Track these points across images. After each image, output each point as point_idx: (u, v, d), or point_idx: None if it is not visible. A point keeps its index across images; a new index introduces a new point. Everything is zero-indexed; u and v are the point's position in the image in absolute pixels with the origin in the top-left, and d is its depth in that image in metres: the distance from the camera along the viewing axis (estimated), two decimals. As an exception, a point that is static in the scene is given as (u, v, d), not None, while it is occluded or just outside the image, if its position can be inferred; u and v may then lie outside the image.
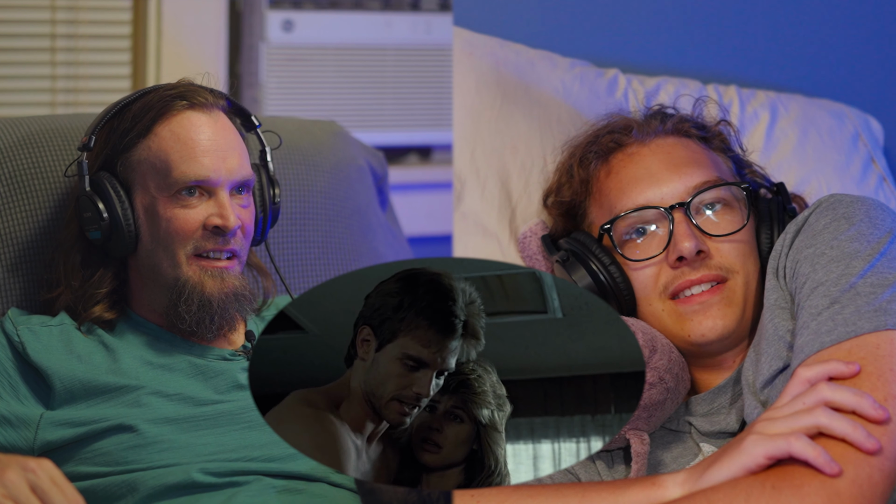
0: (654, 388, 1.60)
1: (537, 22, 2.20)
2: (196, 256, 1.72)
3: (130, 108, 1.76)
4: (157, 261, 1.73)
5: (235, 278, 1.74)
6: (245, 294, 1.74)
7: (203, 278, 1.71)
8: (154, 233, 1.73)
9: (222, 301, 1.71)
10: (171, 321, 1.73)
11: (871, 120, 2.24)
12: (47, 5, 2.53)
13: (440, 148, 2.94)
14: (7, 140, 1.87)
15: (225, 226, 1.71)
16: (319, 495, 1.62)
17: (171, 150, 1.72)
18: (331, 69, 2.78)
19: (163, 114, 1.73)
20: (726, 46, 2.27)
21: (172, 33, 2.58)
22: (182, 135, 1.73)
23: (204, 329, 1.72)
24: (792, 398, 1.34)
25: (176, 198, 1.71)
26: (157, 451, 1.62)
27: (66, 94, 2.55)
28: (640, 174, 1.70)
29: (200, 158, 1.71)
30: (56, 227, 1.83)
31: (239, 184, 1.75)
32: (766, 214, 1.70)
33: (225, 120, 1.77)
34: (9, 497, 1.44)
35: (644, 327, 1.65)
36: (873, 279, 1.45)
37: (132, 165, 1.74)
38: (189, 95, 1.75)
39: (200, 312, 1.71)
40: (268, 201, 1.82)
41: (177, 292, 1.71)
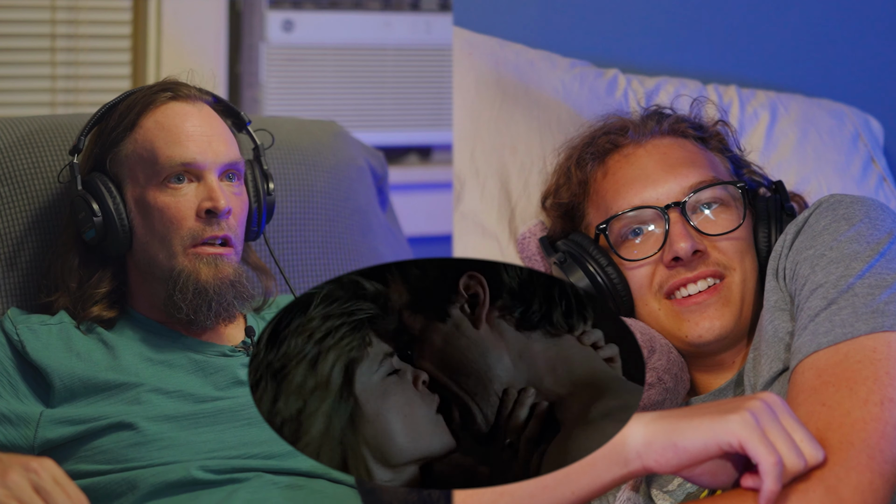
0: (653, 388, 1.60)
1: (537, 22, 2.20)
2: (191, 246, 1.72)
3: (117, 107, 1.78)
4: (152, 253, 1.74)
5: (230, 266, 1.73)
6: (241, 282, 1.74)
7: (198, 266, 1.71)
8: (148, 225, 1.73)
9: (218, 287, 1.71)
10: (170, 312, 1.73)
11: (871, 120, 2.24)
12: (47, 5, 2.53)
13: (440, 148, 2.94)
14: (7, 139, 1.87)
15: (215, 207, 1.71)
16: (319, 492, 1.63)
17: (156, 138, 1.73)
18: (331, 69, 2.78)
19: (147, 106, 1.75)
20: (726, 46, 2.27)
21: (172, 33, 2.58)
22: (167, 123, 1.74)
23: (202, 316, 1.72)
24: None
25: (165, 186, 1.72)
26: (157, 449, 1.63)
27: (66, 94, 2.55)
28: (636, 175, 1.71)
29: (185, 142, 1.72)
30: (56, 227, 1.83)
31: (227, 168, 1.75)
32: (763, 213, 1.70)
33: (210, 110, 1.78)
34: (12, 498, 1.44)
35: (642, 327, 1.66)
36: (871, 280, 1.45)
37: (121, 161, 1.75)
38: (174, 88, 1.77)
39: (197, 299, 1.71)
40: (262, 193, 1.82)
41: (172, 282, 1.71)
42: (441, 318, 1.27)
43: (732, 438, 1.22)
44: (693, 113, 1.81)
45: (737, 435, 1.22)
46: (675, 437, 1.24)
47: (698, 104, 1.82)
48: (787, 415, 1.26)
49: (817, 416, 1.33)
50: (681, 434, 1.24)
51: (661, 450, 1.24)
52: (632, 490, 1.59)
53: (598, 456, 1.24)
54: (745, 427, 1.23)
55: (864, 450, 1.29)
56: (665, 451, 1.24)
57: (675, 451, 1.24)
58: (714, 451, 1.24)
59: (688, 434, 1.24)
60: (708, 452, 1.24)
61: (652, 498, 1.59)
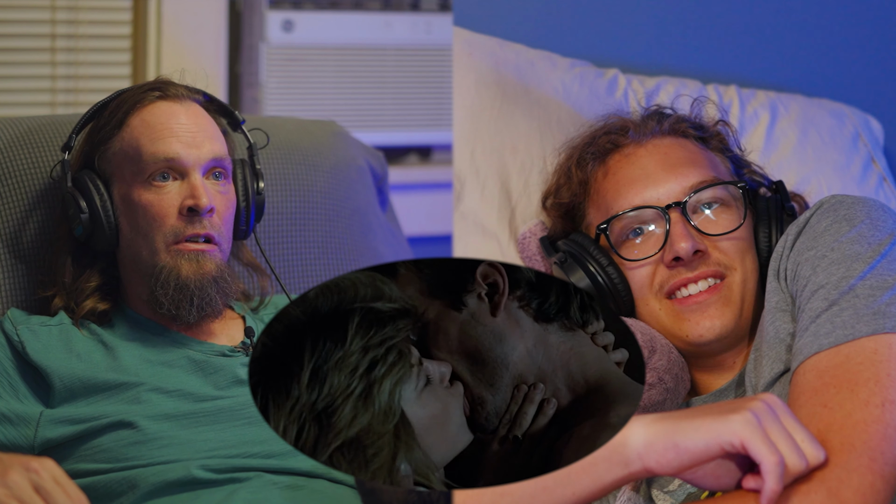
0: (654, 388, 1.59)
1: (537, 22, 2.20)
2: (174, 243, 1.72)
3: (108, 106, 1.79)
4: (136, 250, 1.74)
5: (212, 262, 1.73)
6: (224, 278, 1.74)
7: (179, 262, 1.72)
8: (132, 222, 1.74)
9: (199, 283, 1.72)
10: (153, 308, 1.73)
11: (871, 120, 2.24)
12: (47, 5, 2.53)
13: (440, 148, 2.94)
14: (6, 138, 1.87)
15: (197, 205, 1.71)
16: (319, 492, 1.63)
17: (141, 136, 1.74)
18: (331, 69, 2.78)
19: (135, 105, 1.76)
20: (726, 46, 2.27)
21: (172, 33, 2.58)
22: (153, 121, 1.75)
23: (184, 311, 1.72)
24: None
25: (149, 184, 1.73)
26: (156, 448, 1.63)
27: (66, 94, 2.55)
28: (637, 175, 1.70)
29: (169, 140, 1.73)
30: (54, 225, 1.84)
31: (213, 166, 1.76)
32: (764, 213, 1.70)
33: (198, 109, 1.79)
34: (12, 497, 1.44)
35: (643, 328, 1.66)
36: (872, 281, 1.44)
37: (108, 158, 1.76)
38: (163, 88, 1.78)
39: (178, 294, 1.71)
40: (251, 192, 1.82)
41: (154, 278, 1.72)
42: (456, 307, 1.27)
43: (734, 439, 1.22)
44: (693, 113, 1.81)
45: (738, 435, 1.22)
46: (677, 438, 1.24)
47: (699, 104, 1.82)
48: (788, 416, 1.26)
49: (818, 417, 1.33)
50: (682, 435, 1.24)
51: (663, 451, 1.24)
52: (632, 490, 1.59)
53: (599, 457, 1.24)
54: (746, 427, 1.22)
55: (866, 452, 1.29)
56: (666, 452, 1.24)
57: (676, 452, 1.24)
58: (716, 452, 1.23)
59: (689, 435, 1.24)
60: (709, 453, 1.23)
61: (652, 498, 1.59)
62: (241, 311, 1.85)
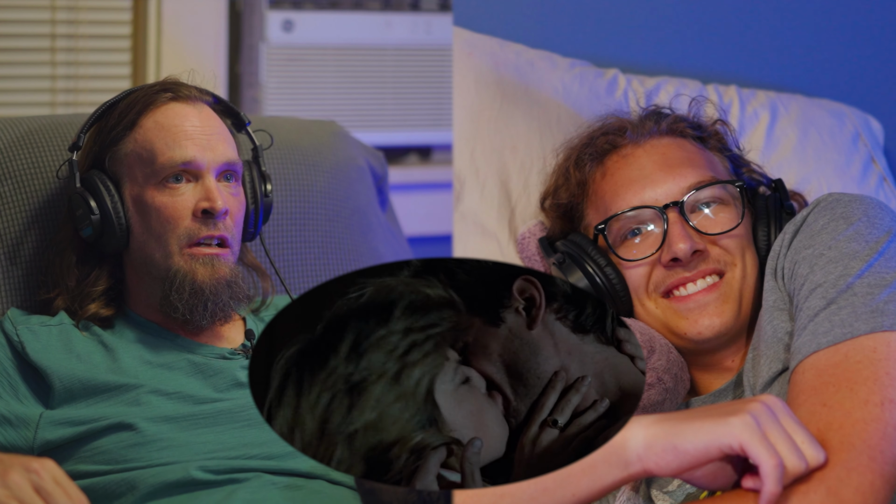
0: (653, 388, 1.60)
1: (537, 22, 2.20)
2: (187, 246, 1.72)
3: (117, 106, 1.78)
4: (149, 252, 1.74)
5: (226, 266, 1.74)
6: (238, 282, 1.75)
7: (194, 266, 1.72)
8: (145, 224, 1.73)
9: (214, 287, 1.72)
10: (166, 312, 1.73)
11: (871, 120, 2.24)
12: (47, 5, 2.53)
13: (440, 148, 2.94)
14: (6, 138, 1.87)
15: (212, 208, 1.71)
16: (318, 492, 1.63)
17: (155, 138, 1.73)
18: (331, 69, 2.78)
19: (147, 106, 1.76)
20: (726, 46, 2.27)
21: (172, 33, 2.59)
22: (166, 123, 1.74)
23: (198, 316, 1.72)
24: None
25: (163, 185, 1.72)
26: (156, 450, 1.63)
27: (66, 94, 2.55)
28: (635, 175, 1.70)
29: (184, 143, 1.73)
30: (55, 225, 1.83)
31: (225, 168, 1.76)
32: (762, 211, 1.70)
33: (210, 111, 1.79)
34: (13, 498, 1.44)
35: (642, 327, 1.66)
36: (870, 279, 1.44)
37: (120, 159, 1.75)
38: (174, 89, 1.78)
39: (192, 299, 1.71)
40: (259, 194, 1.82)
41: (168, 282, 1.72)
42: (495, 323, 1.29)
43: (733, 441, 1.22)
44: (692, 112, 1.81)
45: (737, 437, 1.22)
46: (676, 440, 1.24)
47: (697, 104, 1.82)
48: (787, 416, 1.26)
49: (818, 416, 1.33)
50: (681, 436, 1.24)
51: (662, 452, 1.24)
52: (632, 490, 1.59)
53: (599, 458, 1.25)
54: (745, 429, 1.22)
55: (865, 451, 1.29)
56: (665, 453, 1.24)
57: (675, 453, 1.24)
58: (715, 454, 1.23)
59: (688, 436, 1.24)
60: (709, 455, 1.24)
61: (652, 499, 1.59)
62: (242, 313, 1.85)
